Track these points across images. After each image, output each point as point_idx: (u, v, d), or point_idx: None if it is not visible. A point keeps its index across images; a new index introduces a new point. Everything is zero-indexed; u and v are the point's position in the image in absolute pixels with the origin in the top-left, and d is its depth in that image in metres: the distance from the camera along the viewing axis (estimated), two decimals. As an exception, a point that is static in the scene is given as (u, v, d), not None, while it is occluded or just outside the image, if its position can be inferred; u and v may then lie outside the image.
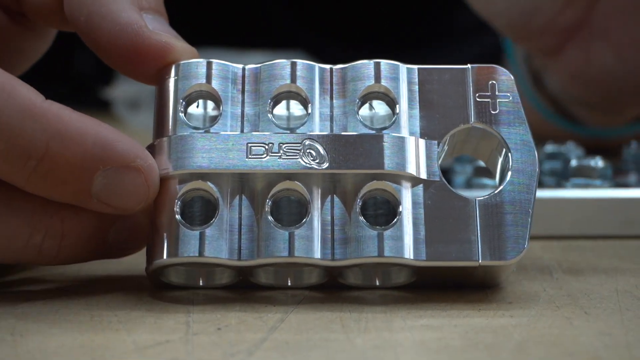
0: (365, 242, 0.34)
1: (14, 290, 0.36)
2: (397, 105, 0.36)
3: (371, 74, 0.36)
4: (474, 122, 0.36)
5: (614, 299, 0.35)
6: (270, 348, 0.31)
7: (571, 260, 0.40)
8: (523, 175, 0.35)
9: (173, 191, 0.35)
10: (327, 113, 0.36)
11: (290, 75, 0.36)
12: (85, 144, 0.33)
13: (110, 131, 0.34)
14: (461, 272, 0.35)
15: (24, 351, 0.31)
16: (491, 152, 0.37)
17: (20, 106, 0.33)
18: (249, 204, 0.35)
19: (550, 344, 0.31)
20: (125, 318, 0.33)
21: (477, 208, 0.35)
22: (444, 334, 0.32)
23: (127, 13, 0.36)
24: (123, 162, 0.34)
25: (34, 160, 0.33)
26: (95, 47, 0.37)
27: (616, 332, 0.32)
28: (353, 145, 0.35)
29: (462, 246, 0.34)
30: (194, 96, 0.36)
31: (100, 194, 0.34)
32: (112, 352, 0.31)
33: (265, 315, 0.34)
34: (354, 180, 0.35)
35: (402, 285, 0.36)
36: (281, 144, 0.35)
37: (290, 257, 0.34)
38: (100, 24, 0.36)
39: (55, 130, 0.33)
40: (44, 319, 0.33)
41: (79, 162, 0.33)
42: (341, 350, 0.31)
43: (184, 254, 0.34)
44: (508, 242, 0.34)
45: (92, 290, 0.36)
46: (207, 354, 0.30)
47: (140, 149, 0.34)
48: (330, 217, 0.35)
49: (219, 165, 0.35)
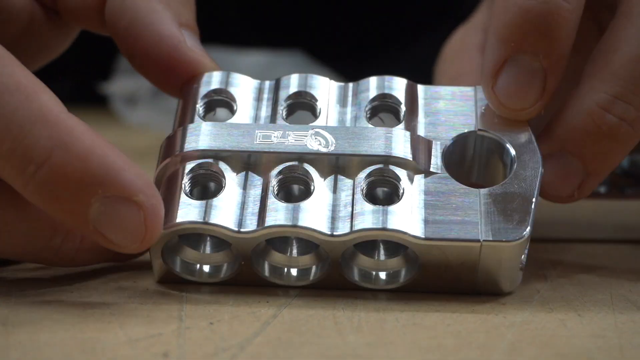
0: (368, 217, 0.34)
1: (7, 282, 0.36)
2: (401, 106, 0.37)
3: (382, 84, 0.38)
4: (478, 127, 0.37)
5: (607, 302, 0.35)
6: (263, 343, 0.31)
7: (566, 263, 0.41)
8: (527, 171, 0.36)
9: (182, 169, 0.36)
10: (337, 118, 0.38)
11: (305, 84, 0.38)
12: (89, 162, 0.32)
13: (119, 158, 0.33)
14: (462, 270, 0.35)
15: (16, 342, 0.31)
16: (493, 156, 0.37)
17: (36, 110, 0.33)
18: (256, 183, 0.36)
19: (543, 344, 0.32)
20: (117, 311, 0.33)
21: (480, 197, 0.35)
22: (437, 333, 0.32)
23: (169, 26, 0.38)
24: (123, 192, 0.33)
25: (34, 165, 0.33)
26: (130, 53, 0.38)
27: (609, 335, 0.32)
28: (359, 134, 0.36)
29: (464, 226, 0.35)
30: (213, 100, 0.38)
31: (96, 221, 0.33)
32: (103, 344, 0.31)
33: (259, 311, 0.34)
34: (359, 164, 0.36)
35: (401, 287, 0.36)
36: (289, 131, 0.36)
37: (293, 227, 0.34)
38: (142, 33, 0.38)
39: (61, 141, 0.32)
40: (37, 310, 0.33)
41: (78, 180, 0.32)
42: (333, 347, 0.31)
43: (188, 219, 0.34)
44: (510, 225, 0.35)
45: (86, 283, 0.36)
46: (198, 347, 0.31)
47: (148, 185, 0.33)
48: (335, 197, 0.35)
49: (228, 146, 0.36)
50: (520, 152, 0.36)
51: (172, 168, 0.36)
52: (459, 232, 0.34)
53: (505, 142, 0.37)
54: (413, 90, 0.38)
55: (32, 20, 0.40)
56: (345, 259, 0.35)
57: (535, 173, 0.36)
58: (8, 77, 0.33)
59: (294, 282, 0.36)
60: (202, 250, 0.36)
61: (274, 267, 0.36)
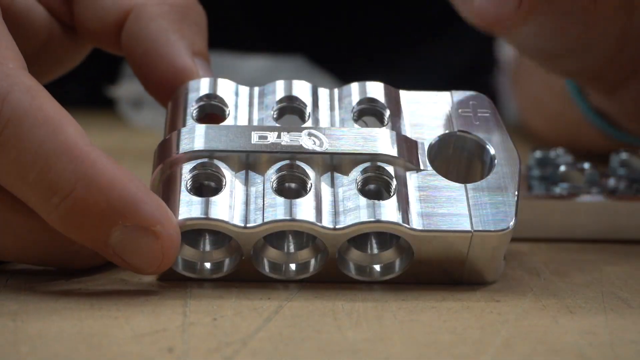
0: (364, 211, 0.36)
1: (16, 278, 0.37)
2: (386, 111, 0.39)
3: (364, 89, 0.40)
4: (458, 129, 0.39)
5: (599, 300, 0.36)
6: (265, 339, 0.32)
7: (558, 262, 0.41)
8: (507, 168, 0.38)
9: (180, 169, 0.36)
10: (327, 121, 0.39)
11: (292, 90, 0.39)
12: (111, 195, 0.34)
13: (140, 189, 0.34)
14: (453, 259, 0.36)
15: (25, 337, 0.31)
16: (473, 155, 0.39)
17: (62, 144, 0.34)
18: (256, 181, 0.37)
19: (536, 341, 0.32)
20: (124, 307, 0.34)
21: (467, 191, 0.37)
22: (433, 329, 0.33)
23: (183, 59, 0.40)
24: (143, 223, 0.34)
25: (58, 197, 0.34)
26: (144, 80, 0.40)
27: (600, 332, 0.33)
28: (350, 134, 0.38)
29: (454, 218, 0.36)
30: (205, 105, 0.39)
31: (116, 247, 0.34)
32: (110, 339, 0.31)
33: (261, 307, 0.34)
34: (352, 162, 0.37)
35: (395, 277, 0.37)
36: (284, 132, 0.37)
37: (291, 221, 0.35)
38: (156, 63, 0.39)
39: (85, 175, 0.34)
40: (45, 306, 0.34)
41: (100, 212, 0.34)
42: (333, 342, 0.32)
43: (189, 215, 0.35)
44: (497, 217, 0.36)
45: (93, 280, 0.37)
46: (202, 342, 0.31)
47: (166, 215, 0.34)
48: (330, 193, 0.36)
49: (224, 147, 0.37)
50: (498, 150, 0.38)
51: (168, 171, 0.37)
52: (451, 224, 0.36)
53: (484, 143, 0.38)
54: (395, 95, 0.40)
55: (50, 36, 0.41)
56: (340, 254, 0.36)
57: (515, 169, 0.37)
58: (37, 110, 0.34)
59: (294, 276, 0.37)
60: (202, 247, 0.36)
61: (273, 263, 0.37)
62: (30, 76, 0.35)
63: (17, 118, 0.34)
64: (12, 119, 0.34)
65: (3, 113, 0.34)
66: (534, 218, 0.44)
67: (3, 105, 0.34)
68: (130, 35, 0.40)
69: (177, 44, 0.40)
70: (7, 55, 0.35)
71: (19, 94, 0.34)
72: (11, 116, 0.34)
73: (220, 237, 0.36)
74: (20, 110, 0.34)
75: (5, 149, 0.34)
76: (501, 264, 0.37)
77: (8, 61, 0.35)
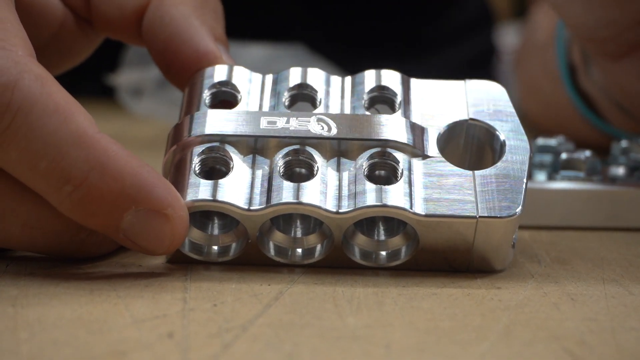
0: (371, 195, 0.36)
1: (16, 264, 0.37)
2: (397, 97, 0.39)
3: (379, 77, 0.39)
4: (470, 117, 0.39)
5: (600, 287, 0.36)
6: (264, 324, 0.32)
7: (559, 249, 0.41)
8: (517, 155, 0.38)
9: (190, 153, 0.37)
10: (338, 109, 0.39)
11: (305, 77, 0.39)
12: (123, 182, 0.34)
13: (150, 174, 0.34)
14: (459, 246, 0.36)
15: (24, 322, 0.31)
16: (484, 143, 0.39)
17: (73, 132, 0.34)
18: (263, 165, 0.37)
19: (537, 327, 0.32)
20: (123, 293, 0.34)
21: (475, 178, 0.37)
22: (434, 316, 0.33)
23: (206, 42, 0.40)
24: (155, 207, 0.34)
25: (71, 186, 0.34)
26: (165, 65, 0.40)
27: (601, 318, 0.33)
28: (359, 120, 0.38)
29: (461, 204, 0.36)
30: (219, 92, 0.39)
31: (127, 231, 0.34)
32: (109, 325, 0.31)
33: (261, 293, 0.34)
34: (360, 148, 0.37)
35: (401, 264, 0.37)
36: (293, 117, 0.38)
37: (296, 204, 0.35)
38: (180, 48, 0.40)
39: (97, 163, 0.34)
40: (45, 291, 0.34)
41: (112, 199, 0.34)
42: (333, 328, 0.32)
43: (197, 197, 0.35)
44: (504, 203, 0.36)
45: (93, 265, 0.37)
46: (202, 328, 0.31)
47: (176, 199, 0.35)
48: (338, 178, 0.36)
49: (234, 131, 0.37)
50: (509, 138, 0.38)
51: (179, 153, 0.37)
52: (457, 210, 0.36)
53: (495, 130, 0.38)
54: (407, 83, 0.40)
55: (62, 27, 0.41)
56: (346, 239, 0.36)
57: (525, 157, 0.37)
58: (47, 98, 0.34)
59: (300, 261, 0.37)
60: (210, 231, 0.37)
61: (279, 247, 0.37)
62: (39, 64, 0.35)
63: (27, 106, 0.34)
64: (23, 107, 0.33)
65: (13, 101, 0.33)
66: (535, 206, 0.44)
67: (13, 93, 0.33)
68: (153, 21, 0.40)
69: (200, 29, 0.40)
70: (16, 43, 0.35)
71: (28, 81, 0.34)
72: (21, 104, 0.33)
73: (229, 220, 0.36)
74: (30, 98, 0.34)
75: (16, 137, 0.34)
76: (510, 252, 0.37)
77: (18, 48, 0.34)
